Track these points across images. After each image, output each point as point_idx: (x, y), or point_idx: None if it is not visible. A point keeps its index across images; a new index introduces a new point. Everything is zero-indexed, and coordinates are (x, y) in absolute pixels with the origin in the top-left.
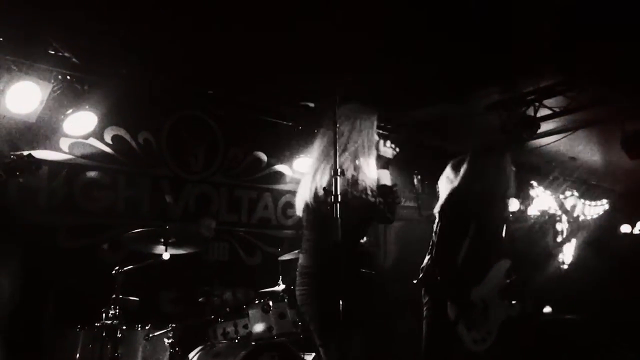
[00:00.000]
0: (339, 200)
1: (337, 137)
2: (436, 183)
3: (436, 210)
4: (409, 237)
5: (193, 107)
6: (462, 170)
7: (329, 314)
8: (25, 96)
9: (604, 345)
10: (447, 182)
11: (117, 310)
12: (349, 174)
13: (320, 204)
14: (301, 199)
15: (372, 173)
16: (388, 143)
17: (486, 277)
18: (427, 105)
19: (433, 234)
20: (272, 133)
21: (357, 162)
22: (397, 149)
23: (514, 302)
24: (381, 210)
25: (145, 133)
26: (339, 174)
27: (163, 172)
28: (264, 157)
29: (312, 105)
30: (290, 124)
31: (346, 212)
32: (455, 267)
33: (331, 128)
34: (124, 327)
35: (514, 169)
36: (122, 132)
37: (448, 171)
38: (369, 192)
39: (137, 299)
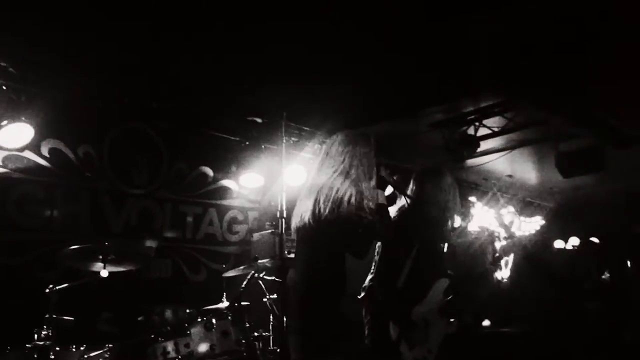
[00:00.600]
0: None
1: (337, 163)
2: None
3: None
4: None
5: (136, 120)
6: (407, 191)
7: (310, 329)
8: None
9: (539, 357)
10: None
11: (50, 331)
12: (353, 198)
13: (319, 222)
14: (298, 216)
15: (373, 196)
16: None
17: (426, 296)
18: (371, 122)
19: (375, 254)
20: (218, 148)
21: (359, 186)
22: (395, 177)
23: (452, 320)
24: (380, 229)
25: (85, 146)
26: (284, 189)
27: (104, 186)
28: (210, 172)
29: (259, 120)
30: (237, 138)
31: (352, 234)
32: (397, 288)
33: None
34: (57, 348)
35: (456, 189)
36: (60, 145)
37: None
38: (368, 212)
39: (72, 318)
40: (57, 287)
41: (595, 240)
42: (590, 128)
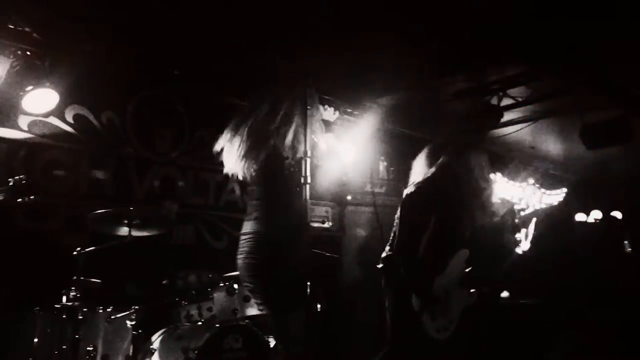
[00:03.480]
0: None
1: (276, 117)
2: (403, 169)
3: (406, 192)
4: (375, 224)
5: (158, 87)
6: (437, 163)
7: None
8: None
9: (556, 328)
10: (420, 168)
11: (78, 292)
12: (299, 148)
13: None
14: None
15: (321, 143)
16: (329, 108)
17: (447, 267)
18: (393, 91)
19: (395, 224)
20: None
21: (306, 135)
22: (337, 113)
23: (472, 290)
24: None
25: (108, 112)
26: (308, 155)
27: (128, 152)
28: None
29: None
30: None
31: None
32: (417, 258)
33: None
34: (85, 309)
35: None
36: (84, 111)
37: (423, 157)
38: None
39: (99, 280)
40: (85, 250)
41: (618, 214)
42: (616, 98)
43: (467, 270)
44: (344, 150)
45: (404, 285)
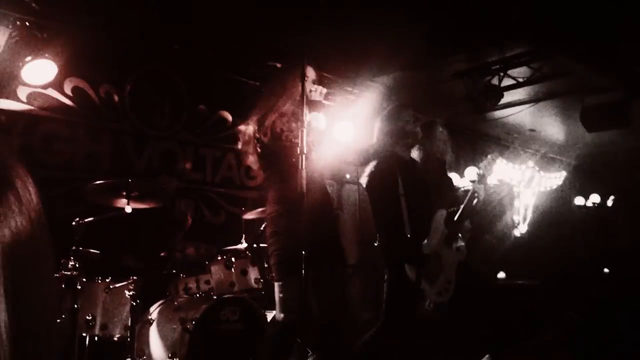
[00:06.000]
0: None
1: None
2: None
3: (362, 181)
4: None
5: (158, 62)
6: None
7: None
8: None
9: (552, 309)
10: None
11: (77, 262)
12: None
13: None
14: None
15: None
16: (317, 88)
17: (430, 231)
18: (393, 70)
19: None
20: (238, 92)
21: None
22: (325, 91)
23: (459, 245)
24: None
25: (107, 86)
26: (305, 126)
27: (125, 126)
28: (229, 117)
29: (279, 65)
30: (257, 83)
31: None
32: (400, 230)
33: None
34: (84, 279)
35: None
36: (82, 84)
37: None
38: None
39: (98, 251)
40: (83, 221)
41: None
42: (618, 78)
43: (448, 229)
44: (342, 129)
45: (396, 258)
